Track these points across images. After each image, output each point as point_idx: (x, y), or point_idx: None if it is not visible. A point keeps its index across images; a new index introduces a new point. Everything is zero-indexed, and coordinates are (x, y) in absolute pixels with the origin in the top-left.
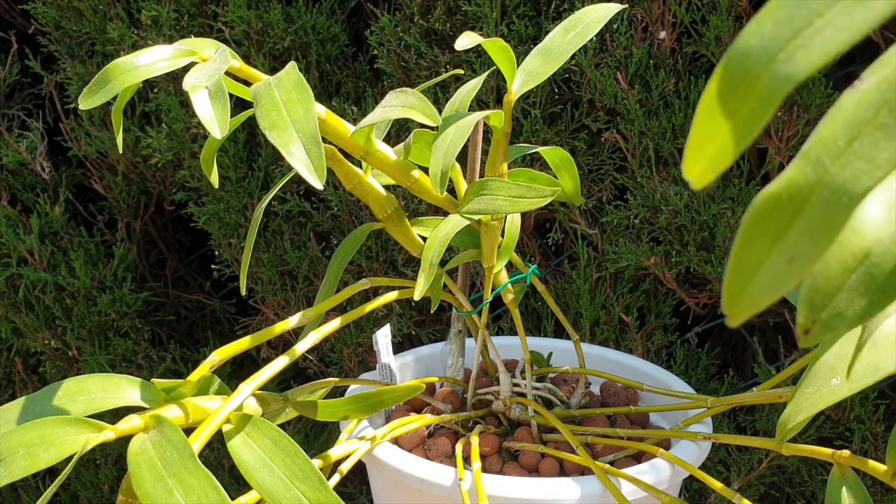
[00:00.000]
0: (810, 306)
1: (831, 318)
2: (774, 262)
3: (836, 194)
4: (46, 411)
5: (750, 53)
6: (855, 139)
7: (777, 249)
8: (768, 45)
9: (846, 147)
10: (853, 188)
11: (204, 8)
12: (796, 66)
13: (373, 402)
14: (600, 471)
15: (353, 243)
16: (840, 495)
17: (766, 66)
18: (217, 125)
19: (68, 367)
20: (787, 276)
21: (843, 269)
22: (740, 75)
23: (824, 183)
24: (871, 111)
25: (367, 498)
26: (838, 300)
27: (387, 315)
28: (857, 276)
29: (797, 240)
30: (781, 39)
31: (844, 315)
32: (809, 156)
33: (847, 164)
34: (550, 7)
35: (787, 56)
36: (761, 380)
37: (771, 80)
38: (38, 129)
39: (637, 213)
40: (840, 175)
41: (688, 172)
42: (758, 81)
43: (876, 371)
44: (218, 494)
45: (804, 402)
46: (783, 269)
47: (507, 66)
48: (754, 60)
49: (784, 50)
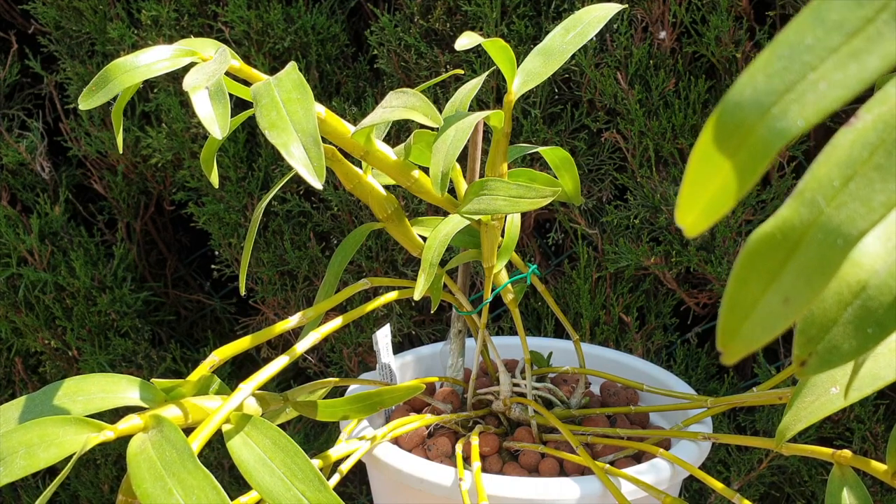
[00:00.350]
0: (806, 338)
1: (827, 350)
2: (769, 302)
3: (831, 236)
4: (46, 411)
5: (743, 105)
6: (850, 179)
7: (772, 289)
8: (762, 98)
9: (841, 188)
10: (848, 230)
11: (204, 8)
12: (790, 122)
13: (373, 402)
14: (600, 471)
15: (353, 243)
16: (840, 495)
17: (759, 119)
18: (217, 125)
19: (68, 367)
20: (781, 317)
21: (839, 302)
22: (733, 127)
23: (819, 224)
24: (866, 151)
25: (367, 498)
26: (834, 333)
27: (387, 315)
28: (854, 310)
29: (792, 280)
30: (775, 93)
31: (840, 348)
32: (804, 195)
33: (842, 206)
34: (550, 7)
35: (780, 111)
36: (761, 380)
37: (765, 134)
38: (38, 129)
39: (637, 213)
40: (835, 217)
41: (681, 220)
42: (751, 134)
43: (875, 380)
44: (217, 494)
45: (803, 410)
46: (778, 309)
47: (507, 66)
48: (747, 113)
49: (777, 104)
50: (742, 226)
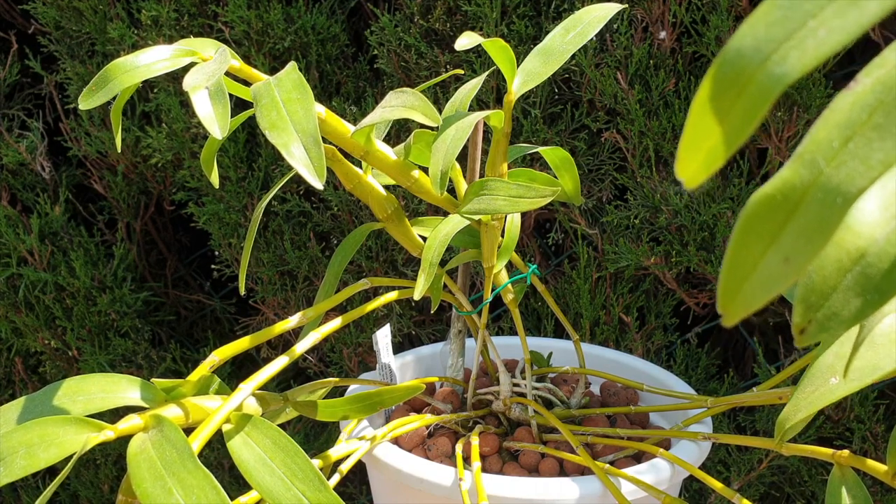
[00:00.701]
0: (806, 306)
1: (827, 317)
2: (769, 262)
3: (830, 195)
4: (46, 411)
5: (743, 54)
6: (850, 140)
7: (772, 250)
8: (762, 45)
9: (841, 148)
10: (848, 189)
11: (204, 8)
12: (789, 67)
13: (373, 402)
14: (600, 471)
15: (353, 243)
16: (840, 495)
17: (759, 66)
18: (217, 125)
19: (68, 367)
20: (782, 276)
21: (838, 269)
22: (733, 75)
23: (819, 184)
24: (865, 112)
25: (367, 498)
26: (834, 300)
27: (387, 315)
28: (853, 276)
29: (792, 240)
30: (775, 40)
31: (840, 315)
32: (804, 157)
33: (842, 165)
34: (550, 7)
35: (780, 57)
36: (761, 380)
37: (764, 81)
38: (38, 129)
39: (637, 213)
40: (835, 176)
41: (681, 172)
42: (751, 81)
43: (875, 370)
44: (217, 494)
45: (803, 401)
46: (778, 269)
47: (507, 66)
48: (747, 61)
49: (777, 51)
50: None
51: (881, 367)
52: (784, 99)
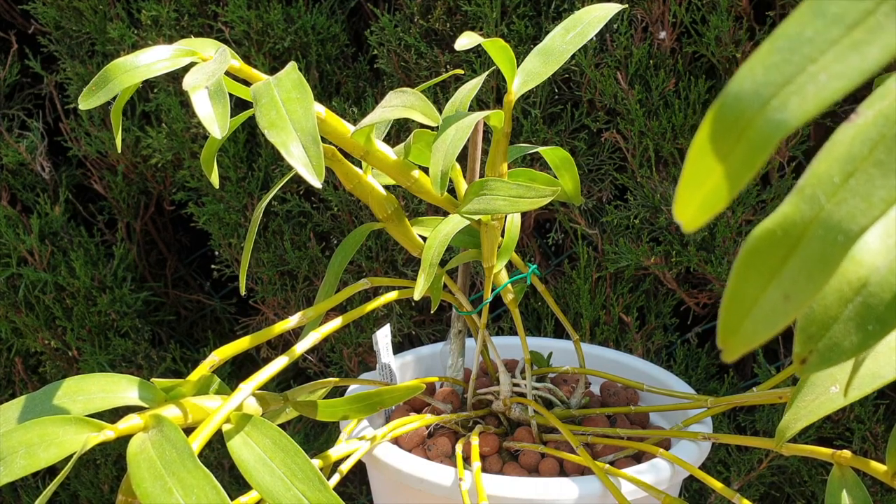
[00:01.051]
0: (806, 336)
1: (828, 348)
2: (770, 299)
3: (831, 232)
4: (46, 411)
5: (742, 98)
6: (851, 176)
7: (772, 286)
8: (761, 90)
9: (842, 184)
10: (849, 227)
11: (204, 8)
12: (790, 114)
13: (373, 402)
14: (600, 471)
15: (353, 243)
16: (840, 495)
17: (758, 111)
18: (217, 125)
19: (68, 367)
20: (782, 314)
21: (839, 299)
22: (733, 119)
23: (820, 220)
24: (867, 147)
25: (367, 498)
26: (835, 331)
27: (387, 315)
28: (855, 307)
29: (792, 277)
30: (774, 85)
31: (841, 346)
32: (805, 192)
33: (843, 202)
34: (550, 7)
35: (780, 103)
36: (761, 380)
37: (764, 126)
38: (38, 129)
39: (637, 213)
40: (836, 213)
41: (679, 215)
42: (750, 126)
43: (875, 379)
44: (217, 494)
45: (803, 409)
46: (779, 305)
47: (507, 66)
48: (746, 105)
49: (777, 96)
50: (742, 226)
51: (882, 376)
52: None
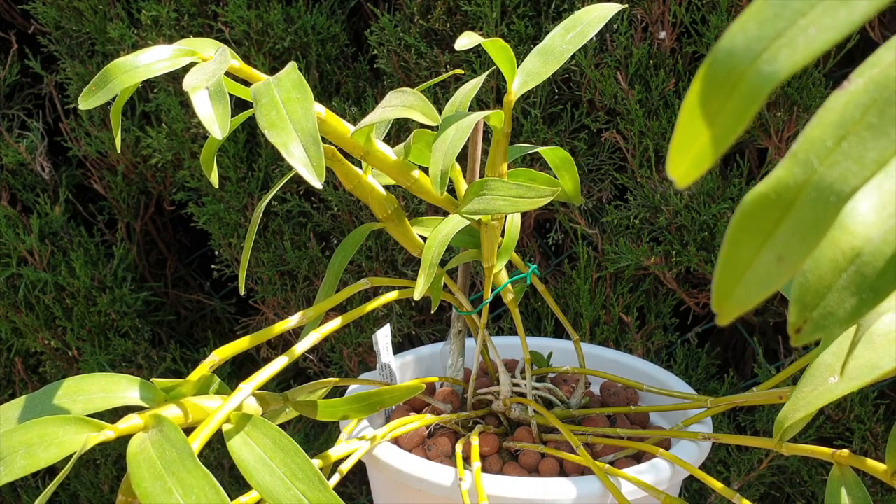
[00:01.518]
0: (801, 305)
1: (822, 317)
2: (763, 261)
3: (824, 194)
4: (46, 410)
5: (734, 53)
6: (843, 139)
7: (766, 248)
8: (752, 44)
9: (834, 147)
10: (841, 188)
11: (204, 8)
12: (780, 65)
13: (373, 402)
14: (600, 471)
15: (353, 243)
16: (840, 495)
17: (749, 64)
18: (217, 125)
19: (68, 367)
20: (776, 275)
21: (833, 268)
22: (724, 74)
23: (812, 182)
24: (858, 111)
25: (367, 498)
26: (829, 299)
27: (387, 315)
28: (848, 275)
29: (786, 239)
30: (765, 39)
31: (835, 314)
32: (798, 156)
33: (835, 164)
34: (550, 7)
35: (770, 56)
36: (761, 380)
37: (754, 79)
38: (38, 129)
39: (637, 213)
40: (828, 175)
41: (672, 171)
42: (741, 80)
43: (873, 369)
44: (217, 494)
45: (801, 400)
46: (772, 267)
47: (507, 67)
48: (738, 59)
49: (768, 49)
50: None
51: (880, 366)
52: (784, 99)
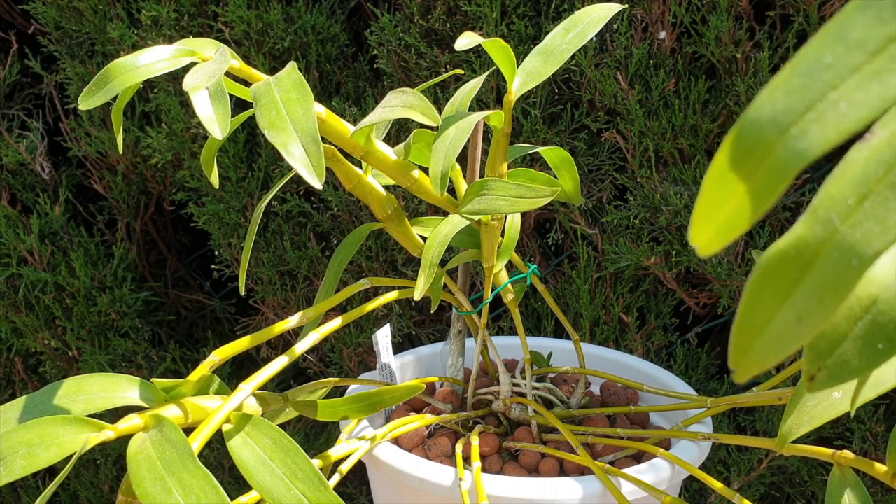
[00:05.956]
0: (816, 353)
1: (837, 366)
2: (782, 320)
3: (845, 255)
4: (46, 411)
5: (761, 124)
6: (865, 198)
7: (785, 307)
8: (780, 116)
9: (856, 206)
10: (863, 250)
11: (204, 8)
12: (810, 143)
13: (373, 402)
14: (600, 471)
15: (353, 243)
16: (840, 496)
17: (777, 138)
18: (217, 125)
19: (68, 367)
20: (795, 335)
21: (849, 317)
22: (752, 145)
23: (834, 242)
24: (881, 168)
25: (367, 498)
26: (844, 349)
27: (387, 315)
28: (864, 325)
29: (805, 298)
30: (794, 112)
31: (850, 363)
32: (818, 213)
33: (857, 225)
34: (550, 7)
35: (800, 130)
36: (761, 380)
37: (783, 154)
38: (38, 129)
39: (637, 213)
40: (850, 235)
41: (695, 239)
42: (769, 153)
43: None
44: (217, 494)
45: (806, 414)
46: (791, 327)
47: (507, 67)
48: (766, 131)
49: (797, 123)
50: None
51: (884, 382)
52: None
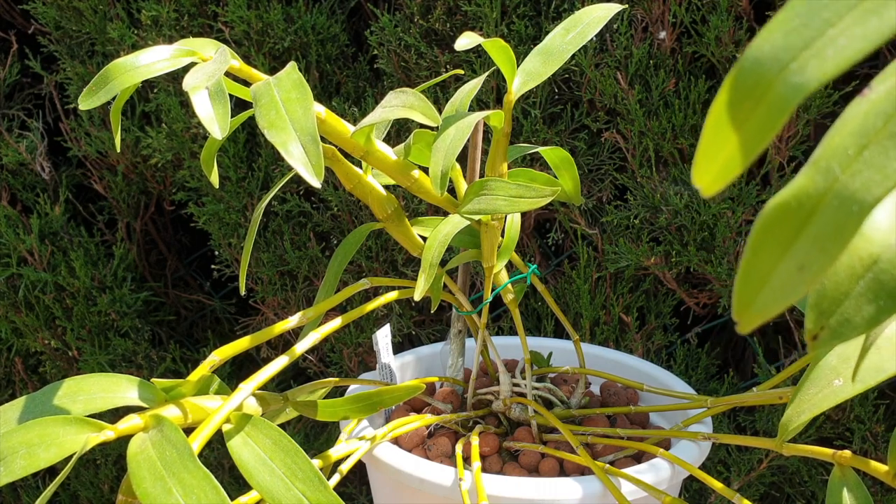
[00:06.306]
0: (818, 312)
1: (839, 324)
2: (784, 270)
3: (846, 203)
4: (46, 411)
5: (762, 62)
6: (865, 148)
7: (787, 257)
8: (780, 54)
9: (856, 156)
10: (863, 197)
11: (204, 8)
12: (808, 76)
13: (373, 402)
14: (600, 471)
15: (353, 243)
16: (841, 496)
17: (777, 75)
18: (217, 125)
19: (68, 367)
20: (797, 285)
21: (851, 275)
22: (751, 84)
23: (834, 191)
24: (880, 120)
25: (367, 498)
26: (846, 306)
27: (387, 315)
28: (866, 283)
29: (807, 248)
30: (793, 49)
31: (852, 321)
32: (819, 164)
33: (857, 174)
34: (550, 7)
35: (799, 66)
36: (761, 380)
37: (782, 90)
38: (38, 129)
39: (637, 213)
40: (850, 184)
41: (698, 180)
42: (769, 90)
43: (879, 373)
44: (217, 494)
45: (806, 403)
46: (793, 277)
47: (507, 67)
48: (766, 69)
49: (796, 59)
50: (742, 225)
51: (885, 370)
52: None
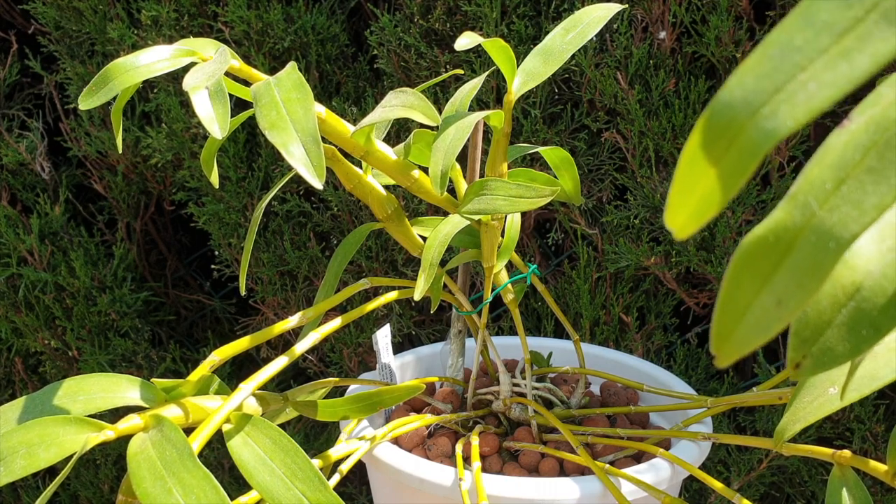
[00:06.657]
0: (800, 340)
1: (822, 353)
2: (762, 305)
3: (823, 239)
4: (46, 411)
5: (733, 105)
6: (843, 182)
7: (764, 292)
8: (751, 97)
9: (834, 190)
10: (840, 233)
11: (204, 8)
12: (780, 122)
13: (373, 402)
14: (600, 471)
15: (353, 243)
16: (841, 496)
17: (748, 119)
18: (217, 125)
19: (68, 367)
20: (775, 319)
21: (833, 304)
22: (723, 126)
23: (812, 226)
24: (858, 153)
25: (367, 498)
26: (828, 335)
27: (387, 315)
28: (848, 312)
29: (785, 283)
30: (764, 93)
31: (835, 350)
32: (797, 198)
33: (835, 209)
34: (550, 7)
35: (770, 111)
36: (761, 380)
37: (754, 134)
38: (38, 129)
39: (637, 213)
40: (828, 219)
41: (671, 222)
42: (740, 134)
43: (873, 381)
44: (217, 494)
45: (801, 411)
46: (771, 311)
47: (507, 67)
48: (737, 112)
49: (767, 104)
50: (742, 226)
51: (880, 378)
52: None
